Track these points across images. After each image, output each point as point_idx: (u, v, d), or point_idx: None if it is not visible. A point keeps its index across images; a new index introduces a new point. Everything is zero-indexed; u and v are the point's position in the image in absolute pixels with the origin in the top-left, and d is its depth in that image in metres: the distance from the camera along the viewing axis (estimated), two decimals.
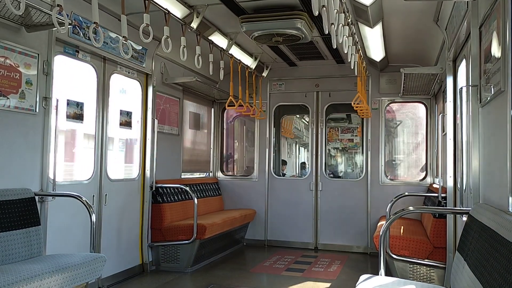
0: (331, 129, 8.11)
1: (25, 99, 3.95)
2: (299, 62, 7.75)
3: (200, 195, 7.26)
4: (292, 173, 7.76)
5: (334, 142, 8.12)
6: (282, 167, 8.99)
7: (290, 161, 9.49)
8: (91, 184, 5.06)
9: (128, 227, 5.67)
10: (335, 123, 8.21)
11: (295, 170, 8.21)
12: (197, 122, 7.86)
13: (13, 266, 3.25)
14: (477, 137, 3.45)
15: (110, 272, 5.16)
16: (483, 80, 3.24)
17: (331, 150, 8.21)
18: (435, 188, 6.09)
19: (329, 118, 8.07)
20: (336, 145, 8.14)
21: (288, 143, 9.46)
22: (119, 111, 5.59)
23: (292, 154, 8.58)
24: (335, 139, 8.09)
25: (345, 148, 8.23)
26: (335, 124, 8.19)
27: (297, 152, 8.06)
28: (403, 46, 6.51)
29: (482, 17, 3.20)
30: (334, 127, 8.12)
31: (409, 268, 5.06)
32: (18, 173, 3.91)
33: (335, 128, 8.10)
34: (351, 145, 8.02)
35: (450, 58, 4.89)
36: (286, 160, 9.30)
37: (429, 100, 7.44)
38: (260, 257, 7.00)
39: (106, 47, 5.02)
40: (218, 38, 5.99)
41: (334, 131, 8.10)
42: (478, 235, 2.62)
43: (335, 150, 8.26)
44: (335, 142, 8.11)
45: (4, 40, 3.74)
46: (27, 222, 3.74)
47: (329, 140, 8.05)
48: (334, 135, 8.10)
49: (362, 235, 7.53)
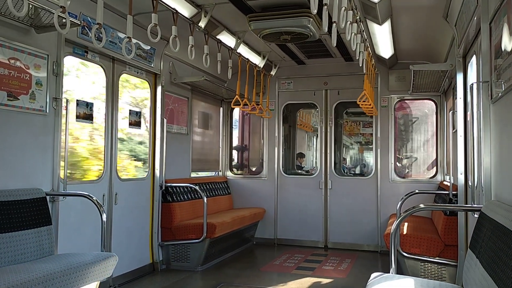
0: (353, 123, 8.02)
1: (36, 100, 3.98)
2: (308, 60, 7.72)
3: (210, 194, 7.27)
4: (312, 166, 7.70)
5: (356, 136, 8.02)
6: (300, 160, 8.94)
7: (308, 154, 9.41)
8: (102, 184, 5.09)
9: (139, 226, 5.70)
10: (356, 117, 8.09)
11: (314, 163, 8.15)
12: (206, 121, 7.87)
13: (25, 266, 3.28)
14: (489, 133, 3.41)
15: (121, 271, 5.19)
16: (494, 76, 3.21)
17: (353, 144, 8.11)
18: (445, 185, 6.05)
19: (350, 112, 7.96)
20: (359, 139, 8.04)
21: (309, 136, 9.39)
22: (128, 111, 5.62)
23: (312, 147, 8.50)
24: (357, 133, 8.00)
25: (368, 142, 8.17)
26: (355, 118, 8.08)
27: (317, 145, 8.08)
28: (412, 43, 6.47)
29: (492, 12, 3.16)
30: (355, 121, 8.03)
31: (420, 266, 5.03)
32: (29, 173, 3.94)
33: (356, 122, 8.01)
34: (372, 140, 7.94)
35: (460, 54, 4.85)
36: (304, 153, 9.23)
37: (439, 97, 7.39)
38: (270, 256, 7.00)
39: (115, 47, 5.04)
40: (226, 37, 5.99)
41: (355, 125, 8.01)
42: (491, 233, 2.60)
43: (358, 144, 8.14)
44: (357, 136, 8.01)
45: (14, 41, 3.76)
46: (38, 221, 3.77)
47: (350, 134, 7.96)
48: (355, 129, 8.01)
49: (372, 233, 7.50)
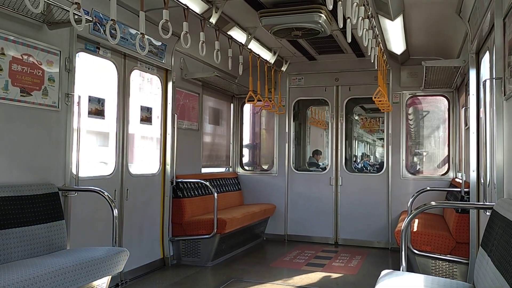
0: (372, 120, 7.90)
1: (48, 96, 4.01)
2: (319, 56, 7.69)
3: (220, 190, 7.29)
4: (329, 163, 7.69)
5: (378, 133, 7.87)
6: (317, 157, 8.89)
7: (326, 152, 9.35)
8: (113, 179, 5.13)
9: (149, 222, 5.74)
10: (374, 113, 7.92)
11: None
12: (217, 117, 7.88)
13: (37, 260, 3.32)
14: (501, 130, 3.38)
15: (131, 266, 5.23)
16: (507, 73, 3.17)
17: (377, 141, 7.96)
18: (457, 182, 6.00)
19: (369, 108, 7.81)
20: (381, 136, 7.88)
21: (326, 133, 9.35)
22: (139, 107, 5.66)
23: (329, 143, 8.46)
24: (377, 130, 7.87)
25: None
26: (374, 114, 7.93)
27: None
28: (424, 38, 6.41)
29: (506, 8, 3.12)
30: (374, 117, 7.90)
31: (431, 264, 5.00)
32: (42, 168, 3.99)
33: (375, 119, 7.88)
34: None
35: (473, 50, 4.79)
36: (320, 150, 9.18)
37: (451, 94, 7.32)
38: (280, 252, 7.01)
39: (126, 43, 5.06)
40: (237, 33, 5.98)
41: (375, 121, 7.89)
42: (503, 231, 2.57)
43: (381, 140, 7.96)
44: (379, 132, 7.86)
45: (27, 37, 3.80)
46: (51, 216, 3.82)
47: (371, 131, 7.82)
48: (375, 125, 7.89)
49: (383, 230, 7.47)
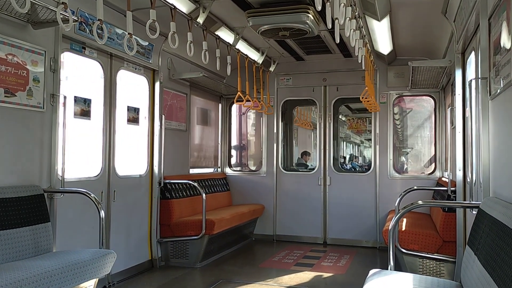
0: (359, 120, 7.89)
1: (33, 96, 3.96)
2: (306, 56, 7.71)
3: (209, 190, 7.27)
4: (317, 164, 7.68)
5: (366, 134, 7.86)
6: (306, 158, 8.89)
7: (314, 153, 9.35)
8: (100, 181, 5.08)
9: (137, 223, 5.69)
10: (362, 114, 7.89)
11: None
12: (205, 117, 7.86)
13: (23, 263, 3.27)
14: (487, 130, 3.41)
15: (119, 268, 5.19)
16: (492, 73, 3.20)
17: (365, 142, 7.94)
18: (444, 181, 6.05)
19: (356, 108, 7.78)
20: (369, 137, 7.88)
21: (315, 134, 9.36)
22: (126, 107, 5.60)
23: (317, 143, 8.44)
24: (365, 130, 7.85)
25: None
26: (361, 114, 7.90)
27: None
28: (411, 39, 6.45)
29: (491, 8, 3.15)
30: (361, 117, 7.89)
31: (418, 262, 5.03)
32: (27, 170, 3.93)
33: (362, 119, 7.86)
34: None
35: (459, 50, 4.83)
36: (309, 151, 9.17)
37: (438, 93, 7.38)
38: (269, 252, 7.01)
39: (113, 43, 5.02)
40: (224, 33, 5.97)
41: (361, 122, 7.88)
42: (489, 229, 2.59)
43: (369, 141, 7.94)
44: (366, 133, 7.85)
45: (11, 37, 3.75)
46: (36, 218, 3.77)
47: (358, 131, 7.82)
48: (362, 125, 7.88)
49: (371, 230, 7.51)
